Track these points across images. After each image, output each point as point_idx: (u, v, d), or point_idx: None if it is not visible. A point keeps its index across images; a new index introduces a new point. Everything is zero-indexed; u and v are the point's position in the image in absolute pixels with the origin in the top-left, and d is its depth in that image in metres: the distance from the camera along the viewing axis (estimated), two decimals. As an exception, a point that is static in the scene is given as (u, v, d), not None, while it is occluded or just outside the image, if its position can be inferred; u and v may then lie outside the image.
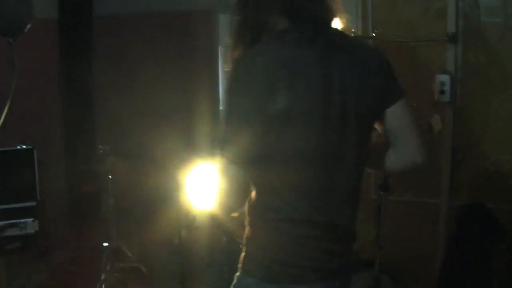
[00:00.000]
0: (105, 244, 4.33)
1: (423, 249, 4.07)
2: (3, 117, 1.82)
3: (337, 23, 3.84)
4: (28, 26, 1.83)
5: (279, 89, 1.73)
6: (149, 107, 4.92)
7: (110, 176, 4.22)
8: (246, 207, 1.93)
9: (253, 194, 1.90)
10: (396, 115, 1.96)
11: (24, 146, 4.31)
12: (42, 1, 1.70)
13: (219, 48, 4.63)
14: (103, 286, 4.24)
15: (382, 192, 3.48)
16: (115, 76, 5.20)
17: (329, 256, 1.89)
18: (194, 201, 3.43)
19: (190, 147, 4.07)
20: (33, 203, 4.32)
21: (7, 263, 4.21)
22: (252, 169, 1.83)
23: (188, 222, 3.35)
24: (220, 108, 4.50)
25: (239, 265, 1.94)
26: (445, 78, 3.83)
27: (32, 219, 4.09)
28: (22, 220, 4.08)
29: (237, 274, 1.94)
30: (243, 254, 1.94)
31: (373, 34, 4.05)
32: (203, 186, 2.92)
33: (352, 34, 3.93)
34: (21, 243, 4.14)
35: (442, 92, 3.83)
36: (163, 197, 3.80)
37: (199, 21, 4.68)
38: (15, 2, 1.83)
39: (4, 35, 1.80)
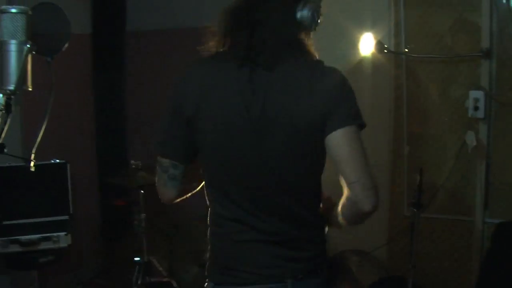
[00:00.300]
0: (136, 259, 4.33)
1: (457, 267, 4.02)
2: (40, 135, 1.85)
3: (369, 39, 3.82)
4: (66, 45, 1.86)
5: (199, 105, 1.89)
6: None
7: (142, 191, 4.23)
8: None
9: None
10: (337, 144, 1.87)
11: (58, 161, 4.36)
12: (76, 16, 1.71)
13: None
14: (134, 300, 4.25)
15: (415, 210, 3.45)
16: (147, 91, 5.23)
17: (275, 260, 1.94)
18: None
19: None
20: (66, 217, 4.36)
21: (40, 276, 4.24)
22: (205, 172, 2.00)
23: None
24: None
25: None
26: (479, 94, 3.78)
27: (65, 233, 4.12)
28: (55, 234, 4.11)
29: None
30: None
31: (406, 50, 4.03)
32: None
33: (385, 51, 3.92)
34: (54, 256, 4.16)
35: (476, 108, 3.79)
36: (194, 212, 3.81)
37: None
38: (53, 22, 1.86)
39: (43, 54, 1.83)
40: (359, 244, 4.26)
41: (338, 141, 1.85)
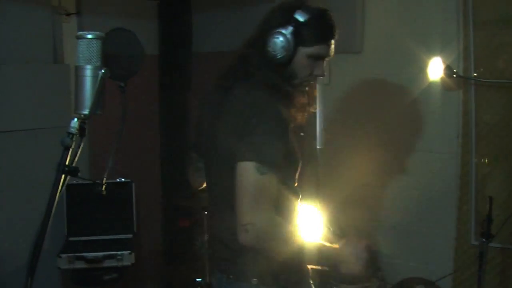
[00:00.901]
0: (198, 280, 4.35)
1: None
2: (111, 159, 1.87)
3: (438, 63, 3.74)
4: (139, 70, 1.89)
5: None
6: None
7: (205, 212, 4.25)
8: None
9: None
10: (235, 174, 1.99)
11: (123, 179, 4.43)
12: (144, 37, 1.75)
13: (317, 86, 4.61)
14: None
15: (484, 240, 3.36)
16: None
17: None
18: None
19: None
20: (130, 236, 4.42)
21: (103, 293, 4.30)
22: None
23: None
24: (318, 147, 4.46)
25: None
26: (552, 121, 3.68)
27: (129, 251, 4.16)
28: (119, 252, 4.16)
29: None
30: None
31: (475, 74, 3.95)
32: (309, 218, 2.89)
33: (454, 75, 3.84)
34: (117, 274, 4.21)
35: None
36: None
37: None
38: (127, 47, 1.89)
39: (116, 79, 1.86)
40: (424, 273, 4.18)
41: (236, 175, 1.97)
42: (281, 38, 2.16)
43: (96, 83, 1.77)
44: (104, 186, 1.86)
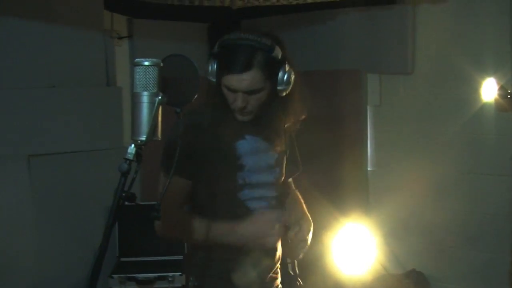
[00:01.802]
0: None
1: None
2: (167, 183, 1.88)
3: (491, 84, 3.67)
4: (196, 96, 1.90)
5: None
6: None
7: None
8: None
9: None
10: None
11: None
12: (194, 59, 1.76)
13: (368, 108, 4.59)
14: None
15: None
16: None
17: None
18: (342, 266, 3.35)
19: (337, 209, 4.02)
20: (181, 257, 4.43)
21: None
22: None
23: None
24: (369, 168, 4.44)
25: None
26: None
27: (180, 273, 4.18)
28: (170, 274, 4.18)
29: None
30: None
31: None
32: (351, 249, 2.86)
33: (508, 96, 3.78)
34: (168, 296, 4.23)
35: None
36: (306, 261, 3.76)
37: (348, 80, 4.68)
38: (183, 73, 1.90)
39: (173, 105, 1.87)
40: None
41: None
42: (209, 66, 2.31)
43: (153, 109, 1.78)
44: (159, 212, 1.87)
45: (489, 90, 3.91)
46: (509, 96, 3.82)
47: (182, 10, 4.20)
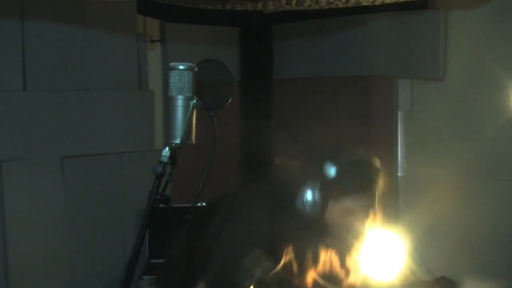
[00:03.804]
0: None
1: None
2: (200, 187, 1.91)
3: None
4: (230, 101, 1.92)
5: None
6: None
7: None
8: None
9: None
10: None
11: (204, 204, 4.46)
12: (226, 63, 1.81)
13: (399, 113, 4.58)
14: None
15: None
16: (293, 139, 5.29)
17: None
18: (370, 272, 3.34)
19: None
20: (210, 260, 4.44)
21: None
22: None
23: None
24: (399, 174, 4.41)
25: None
26: None
27: (209, 275, 4.18)
28: (199, 276, 4.19)
29: None
30: None
31: None
32: (380, 254, 2.86)
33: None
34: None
35: None
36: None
37: (379, 85, 4.67)
38: (218, 78, 1.93)
39: (207, 109, 1.90)
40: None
41: None
42: None
43: (188, 113, 1.81)
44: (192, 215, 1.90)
45: (522, 97, 3.89)
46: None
47: (214, 14, 4.23)
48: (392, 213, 4.46)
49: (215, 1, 3.76)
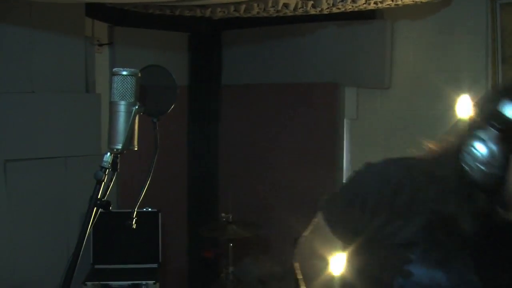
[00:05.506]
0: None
1: None
2: (142, 193, 1.90)
3: (466, 101, 3.70)
4: (172, 107, 1.92)
5: None
6: (274, 178, 4.97)
7: (231, 244, 4.26)
8: None
9: None
10: None
11: (150, 209, 4.45)
12: (174, 68, 1.77)
13: (345, 121, 4.64)
14: None
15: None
16: (240, 143, 5.31)
17: None
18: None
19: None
20: (155, 266, 4.43)
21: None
22: None
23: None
24: (344, 180, 4.45)
25: None
26: None
27: (154, 281, 4.16)
28: (144, 282, 4.16)
29: None
30: None
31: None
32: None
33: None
34: (141, 305, 4.21)
35: None
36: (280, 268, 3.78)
37: (326, 93, 4.73)
38: (161, 84, 1.93)
39: (150, 115, 1.89)
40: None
41: None
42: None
43: (130, 118, 1.80)
44: (134, 220, 1.89)
45: (464, 106, 3.96)
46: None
47: (163, 19, 4.22)
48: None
49: (164, 7, 3.75)
